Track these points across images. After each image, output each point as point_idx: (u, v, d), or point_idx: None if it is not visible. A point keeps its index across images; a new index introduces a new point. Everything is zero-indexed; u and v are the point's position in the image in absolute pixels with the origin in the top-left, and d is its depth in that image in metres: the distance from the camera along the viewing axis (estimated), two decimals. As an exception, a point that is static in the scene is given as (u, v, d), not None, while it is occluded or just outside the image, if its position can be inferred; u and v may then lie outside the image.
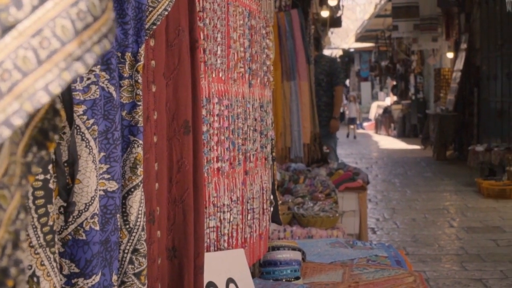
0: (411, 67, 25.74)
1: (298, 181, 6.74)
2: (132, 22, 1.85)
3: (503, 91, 14.47)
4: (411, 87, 26.36)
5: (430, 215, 10.14)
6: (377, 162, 18.00)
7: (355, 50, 36.12)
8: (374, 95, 37.29)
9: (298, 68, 7.53)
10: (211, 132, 2.65)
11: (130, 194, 1.84)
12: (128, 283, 1.83)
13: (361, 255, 4.15)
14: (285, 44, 7.28)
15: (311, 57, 8.27)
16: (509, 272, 6.76)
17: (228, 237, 2.82)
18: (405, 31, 18.25)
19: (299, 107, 7.53)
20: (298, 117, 7.50)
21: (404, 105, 26.25)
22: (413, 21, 17.82)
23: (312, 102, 8.04)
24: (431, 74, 23.05)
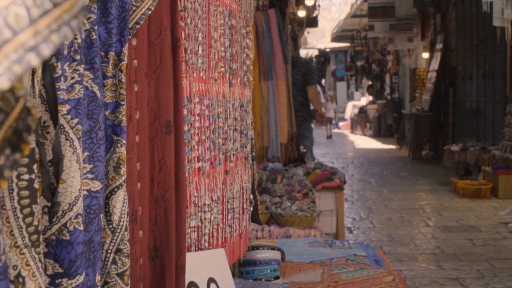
0: (387, 67, 25.86)
1: (275, 181, 6.74)
2: (116, 21, 1.84)
3: (478, 91, 14.57)
4: (386, 87, 26.49)
5: (406, 214, 10.19)
6: (353, 161, 18.06)
7: (331, 50, 36.19)
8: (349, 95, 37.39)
9: (275, 67, 7.54)
10: (192, 132, 2.65)
11: (113, 194, 1.83)
12: (111, 283, 1.83)
13: (339, 255, 4.16)
14: (263, 44, 7.28)
15: (288, 56, 8.28)
16: (486, 271, 6.80)
17: (209, 237, 2.82)
18: (381, 31, 18.34)
19: (276, 107, 7.53)
20: (275, 116, 7.50)
21: (380, 105, 26.36)
22: (389, 21, 17.90)
23: (289, 102, 8.05)
24: (407, 74, 23.17)
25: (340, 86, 37.91)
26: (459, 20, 16.04)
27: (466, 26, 15.36)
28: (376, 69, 27.49)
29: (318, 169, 7.75)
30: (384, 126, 25.86)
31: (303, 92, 9.59)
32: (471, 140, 14.31)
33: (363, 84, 32.84)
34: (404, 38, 18.37)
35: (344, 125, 31.52)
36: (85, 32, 1.72)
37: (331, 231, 7.09)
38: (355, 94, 35.48)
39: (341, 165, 16.31)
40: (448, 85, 16.86)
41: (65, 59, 1.61)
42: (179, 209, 2.27)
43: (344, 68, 35.69)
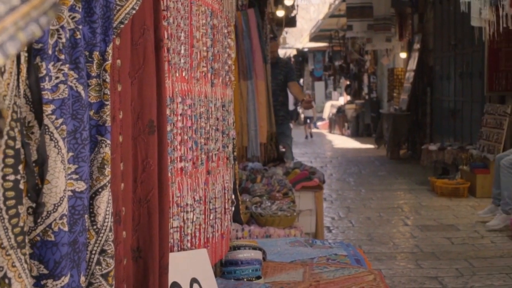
0: (365, 67, 25.94)
1: (255, 181, 6.75)
2: (100, 20, 1.84)
3: (456, 91, 14.65)
4: (364, 86, 26.56)
5: (385, 213, 10.22)
6: (332, 161, 18.10)
7: (309, 49, 36.25)
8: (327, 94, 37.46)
9: (255, 67, 7.54)
10: (175, 132, 2.65)
11: (97, 195, 1.82)
12: (95, 284, 1.82)
13: (320, 254, 4.17)
14: (242, 44, 7.27)
15: (268, 56, 8.29)
16: (464, 270, 6.83)
17: (191, 237, 2.82)
18: (359, 31, 18.39)
19: (255, 107, 7.53)
20: (254, 116, 7.50)
21: (358, 104, 26.44)
22: (367, 21, 17.97)
23: (269, 102, 8.05)
24: (385, 74, 23.24)
25: (318, 85, 37.97)
26: (436, 20, 16.12)
27: (443, 26, 15.44)
28: (354, 68, 27.57)
29: (298, 169, 7.76)
30: (362, 126, 25.94)
31: (285, 92, 9.70)
32: (449, 140, 14.39)
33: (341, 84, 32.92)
34: (382, 38, 18.44)
35: (322, 125, 31.57)
36: (69, 31, 1.71)
37: (311, 230, 7.10)
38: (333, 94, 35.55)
39: (320, 164, 16.34)
40: (426, 85, 16.94)
41: (49, 59, 1.60)
42: (162, 210, 2.26)
43: (322, 68, 35.75)
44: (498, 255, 7.43)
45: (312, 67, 37.63)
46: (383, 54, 21.80)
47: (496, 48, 11.48)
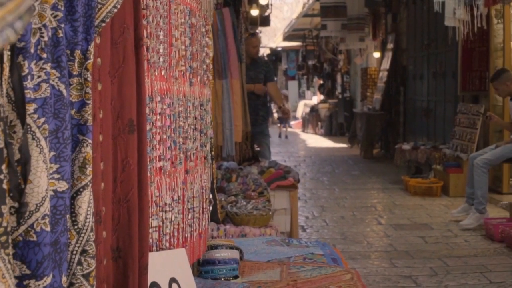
0: (338, 66, 26.02)
1: (230, 180, 6.74)
2: (82, 19, 1.82)
3: (429, 91, 14.74)
4: (338, 86, 26.65)
5: (359, 212, 10.25)
6: (305, 160, 18.13)
7: (283, 49, 36.32)
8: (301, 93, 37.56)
9: (230, 66, 7.53)
10: (154, 131, 2.64)
11: (79, 194, 1.81)
12: (76, 285, 1.80)
13: (297, 253, 4.17)
14: (217, 43, 7.26)
15: (243, 55, 8.29)
16: (438, 269, 6.87)
17: (170, 237, 2.81)
18: (333, 30, 18.43)
19: (231, 106, 7.52)
20: (230, 115, 7.50)
21: (331, 104, 26.52)
22: (341, 21, 18.01)
23: (244, 101, 8.05)
24: (358, 73, 23.34)
25: (291, 85, 38.06)
26: (410, 20, 16.21)
27: (417, 26, 15.53)
28: (328, 68, 27.65)
29: (272, 168, 7.77)
30: (335, 125, 26.03)
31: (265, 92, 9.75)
32: (422, 139, 14.48)
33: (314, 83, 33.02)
34: (355, 38, 18.49)
35: (296, 124, 31.64)
36: (51, 30, 1.69)
37: (285, 229, 7.11)
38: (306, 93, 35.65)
39: (293, 163, 16.36)
40: (399, 84, 17.03)
41: (32, 58, 1.59)
42: (142, 209, 2.25)
43: (295, 67, 35.83)
44: (472, 254, 7.48)
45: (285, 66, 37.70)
46: (356, 54, 21.87)
47: (469, 48, 11.57)
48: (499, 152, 8.96)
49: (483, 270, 6.75)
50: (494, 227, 8.05)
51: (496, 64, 11.08)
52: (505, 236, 7.84)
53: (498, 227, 8.00)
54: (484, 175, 8.85)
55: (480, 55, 11.48)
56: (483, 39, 11.23)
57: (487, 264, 6.99)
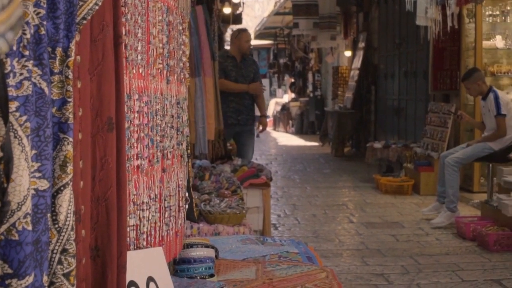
0: (309, 65, 26.08)
1: (203, 178, 6.73)
2: (63, 16, 1.81)
3: (400, 89, 14.82)
4: (309, 84, 26.72)
5: (330, 210, 10.29)
6: (277, 158, 18.15)
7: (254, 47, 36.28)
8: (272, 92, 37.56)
9: (203, 64, 7.50)
10: (132, 129, 2.62)
11: (59, 193, 1.79)
12: (57, 284, 1.79)
13: (272, 252, 4.17)
14: (190, 40, 7.22)
15: (216, 53, 8.28)
16: (410, 267, 6.90)
17: (147, 236, 2.80)
18: (305, 29, 18.47)
19: (204, 104, 7.49)
20: (203, 113, 7.47)
21: (302, 102, 26.58)
22: (313, 19, 18.06)
23: (217, 99, 8.04)
24: (329, 72, 23.41)
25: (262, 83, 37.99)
26: (381, 19, 16.28)
27: (388, 25, 15.61)
28: (299, 66, 27.71)
29: (245, 166, 7.77)
30: (306, 123, 26.09)
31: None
32: (393, 138, 14.55)
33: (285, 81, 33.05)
34: (327, 36, 18.55)
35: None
36: (34, 27, 1.68)
37: (258, 228, 7.11)
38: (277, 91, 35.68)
39: (265, 162, 16.36)
40: (370, 83, 17.11)
41: (14, 55, 1.57)
42: (120, 208, 2.24)
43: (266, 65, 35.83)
44: (443, 252, 7.53)
45: (256, 64, 37.59)
46: (327, 52, 21.95)
47: (440, 47, 11.64)
48: (470, 151, 9.03)
49: (455, 269, 6.80)
50: (466, 226, 8.11)
51: (467, 64, 11.16)
52: (476, 234, 7.90)
53: (469, 226, 8.07)
54: (455, 174, 8.91)
55: (451, 55, 11.56)
56: (454, 38, 11.31)
57: (458, 262, 7.04)
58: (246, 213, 5.88)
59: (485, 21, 10.94)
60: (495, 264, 6.95)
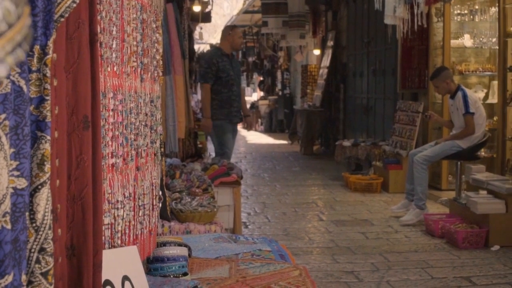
0: (278, 63, 26.10)
1: (174, 176, 6.72)
2: (42, 14, 1.79)
3: (368, 88, 14.89)
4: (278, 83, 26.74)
5: (300, 208, 10.31)
6: (246, 156, 18.14)
7: (223, 45, 36.19)
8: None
9: (173, 62, 7.48)
10: (106, 128, 2.61)
11: (37, 192, 1.78)
12: (35, 283, 1.78)
13: (245, 250, 4.17)
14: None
15: (186, 51, 8.26)
16: (380, 264, 6.94)
17: (122, 234, 2.79)
18: (274, 27, 18.49)
19: (174, 102, 7.47)
20: (173, 111, 7.44)
21: (271, 100, 26.59)
22: (282, 18, 18.08)
23: (187, 97, 8.02)
24: (298, 70, 23.45)
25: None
26: (350, 18, 16.35)
27: (357, 23, 15.68)
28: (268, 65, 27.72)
29: (216, 164, 7.77)
30: (275, 122, 26.11)
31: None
32: (362, 136, 14.63)
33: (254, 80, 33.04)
34: (296, 35, 18.57)
35: (235, 121, 31.56)
36: (12, 24, 1.66)
37: (229, 226, 7.11)
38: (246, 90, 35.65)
39: (234, 160, 16.27)
40: (339, 81, 17.17)
41: (-8, 53, 1.55)
42: (96, 206, 2.23)
43: (235, 64, 35.71)
44: (412, 249, 7.58)
45: (225, 62, 37.53)
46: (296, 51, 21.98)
47: (409, 46, 11.71)
48: (438, 149, 9.10)
49: (424, 266, 6.84)
50: (434, 223, 8.17)
51: (435, 62, 11.24)
52: (445, 232, 7.97)
53: (438, 223, 8.13)
54: (424, 172, 8.97)
55: (419, 53, 11.64)
56: (422, 37, 11.39)
57: (428, 259, 7.09)
58: (217, 211, 5.87)
59: (453, 20, 11.04)
60: (464, 261, 7.01)
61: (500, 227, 7.61)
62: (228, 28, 10.21)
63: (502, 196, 7.70)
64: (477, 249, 7.50)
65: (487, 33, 10.86)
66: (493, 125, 10.06)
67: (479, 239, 7.59)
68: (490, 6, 10.82)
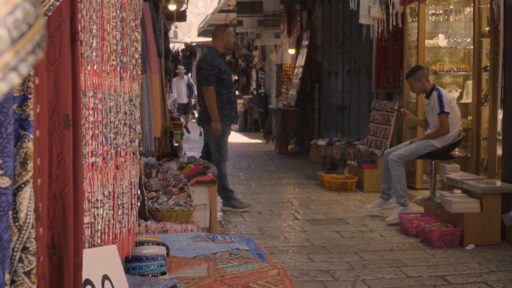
0: (253, 62, 26.10)
1: (150, 175, 6.70)
2: (25, 12, 1.78)
3: (343, 87, 14.94)
4: (252, 82, 26.73)
5: (275, 207, 10.32)
6: (221, 155, 18.11)
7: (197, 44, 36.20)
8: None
9: (149, 61, 7.46)
10: (87, 126, 2.60)
11: (19, 191, 1.77)
12: (18, 282, 1.77)
13: (223, 249, 4.18)
14: (138, 37, 7.18)
15: (162, 50, 8.25)
16: (355, 263, 6.96)
17: (101, 233, 2.78)
18: (249, 27, 18.49)
19: (150, 101, 7.46)
20: (149, 110, 7.42)
21: (246, 99, 26.58)
22: (257, 17, 18.09)
23: (163, 96, 8.01)
24: (273, 69, 23.47)
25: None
26: (325, 18, 16.39)
27: (332, 23, 15.72)
28: (243, 64, 27.72)
29: (192, 164, 7.76)
30: (250, 121, 26.10)
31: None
32: (337, 135, 14.67)
33: (229, 79, 32.95)
34: (271, 34, 18.58)
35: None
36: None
37: (205, 225, 7.11)
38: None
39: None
40: (314, 81, 17.21)
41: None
42: (77, 205, 2.22)
43: (210, 63, 35.67)
44: (387, 248, 7.61)
45: (200, 61, 37.48)
46: (271, 50, 22.00)
47: (384, 46, 11.76)
48: (413, 148, 9.15)
49: (399, 264, 6.88)
50: (409, 222, 8.22)
51: (410, 62, 11.30)
52: (419, 230, 8.01)
53: (412, 222, 8.17)
54: (400, 169, 9.02)
55: (394, 53, 11.69)
56: (397, 37, 11.44)
57: (403, 258, 7.13)
58: (194, 211, 5.87)
59: (428, 20, 11.10)
60: (439, 260, 7.05)
61: (474, 226, 7.67)
62: (221, 27, 10.16)
63: (477, 195, 7.76)
64: (452, 248, 7.55)
65: (462, 33, 10.94)
66: (468, 124, 10.13)
67: (454, 238, 7.64)
68: (464, 6, 10.90)
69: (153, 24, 7.54)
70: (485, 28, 9.41)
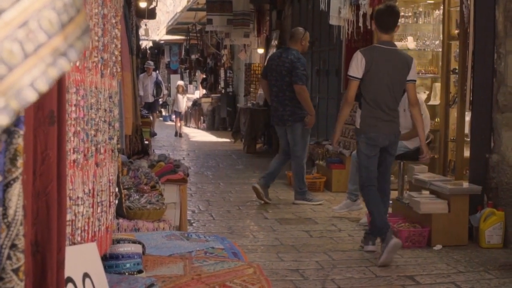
0: (221, 61, 26.12)
1: (122, 173, 6.67)
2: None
3: (312, 88, 14.98)
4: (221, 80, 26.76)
5: (244, 207, 10.34)
6: (189, 154, 18.12)
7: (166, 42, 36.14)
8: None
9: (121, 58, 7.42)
10: (69, 123, 2.58)
11: (9, 187, 1.75)
12: (6, 279, 1.75)
13: (198, 248, 4.18)
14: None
15: (134, 47, 8.22)
16: (324, 262, 6.99)
17: (81, 231, 2.76)
18: (219, 25, 18.52)
19: (121, 98, 7.42)
20: (120, 108, 7.39)
21: (214, 98, 26.60)
22: (227, 16, 18.12)
23: (135, 93, 7.98)
24: (242, 68, 23.50)
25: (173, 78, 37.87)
26: (294, 18, 16.44)
27: (301, 23, 15.73)
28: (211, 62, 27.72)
29: (162, 162, 7.74)
30: (218, 120, 26.12)
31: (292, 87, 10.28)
32: (305, 135, 14.69)
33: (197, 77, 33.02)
34: (240, 34, 18.63)
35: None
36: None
37: (175, 224, 7.09)
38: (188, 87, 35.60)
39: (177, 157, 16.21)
40: (283, 81, 17.21)
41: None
42: (60, 203, 2.20)
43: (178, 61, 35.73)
44: (356, 248, 7.66)
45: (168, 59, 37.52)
46: (240, 49, 22.04)
47: (353, 47, 11.79)
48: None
49: (368, 264, 6.93)
50: (378, 222, 8.26)
51: (379, 64, 11.35)
52: (388, 231, 8.06)
53: (382, 222, 8.22)
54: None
55: (364, 54, 11.73)
56: (367, 38, 11.49)
57: (371, 258, 7.17)
58: (166, 209, 5.86)
59: (397, 22, 11.16)
60: (407, 260, 7.11)
61: (442, 227, 7.74)
62: (301, 31, 10.50)
63: (445, 196, 7.83)
64: (420, 248, 7.61)
65: (430, 35, 11.02)
66: (435, 126, 10.22)
67: (422, 239, 7.71)
68: (434, 9, 10.98)
69: (126, 21, 7.50)
70: (454, 31, 9.50)
